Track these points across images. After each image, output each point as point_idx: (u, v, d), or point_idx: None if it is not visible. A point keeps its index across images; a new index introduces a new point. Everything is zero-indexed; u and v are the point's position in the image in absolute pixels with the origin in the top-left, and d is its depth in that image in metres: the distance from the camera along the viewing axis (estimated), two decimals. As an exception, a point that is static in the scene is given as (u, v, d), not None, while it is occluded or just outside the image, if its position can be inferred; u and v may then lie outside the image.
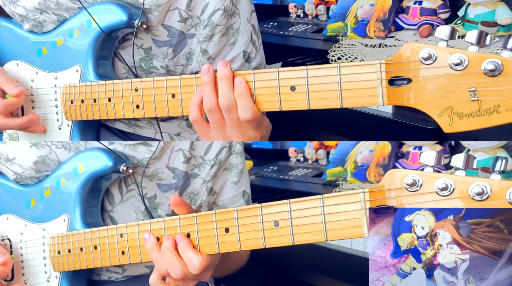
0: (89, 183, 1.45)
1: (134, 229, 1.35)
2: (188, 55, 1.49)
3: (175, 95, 1.34)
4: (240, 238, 1.22)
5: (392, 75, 1.11)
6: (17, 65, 1.55)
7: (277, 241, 1.18)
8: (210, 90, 1.28)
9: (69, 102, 1.48)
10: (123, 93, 1.41)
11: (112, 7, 1.44)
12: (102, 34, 1.45)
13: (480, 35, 1.04)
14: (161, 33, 1.46)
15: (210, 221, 1.26)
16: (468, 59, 1.04)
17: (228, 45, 1.48)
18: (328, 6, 2.06)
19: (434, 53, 1.07)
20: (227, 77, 1.26)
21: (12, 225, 1.55)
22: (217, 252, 1.26)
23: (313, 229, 1.14)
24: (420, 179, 1.04)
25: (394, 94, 1.12)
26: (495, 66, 1.01)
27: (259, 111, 1.26)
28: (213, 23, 1.44)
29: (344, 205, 1.11)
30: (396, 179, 1.07)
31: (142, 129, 1.54)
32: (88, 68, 1.47)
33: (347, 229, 1.11)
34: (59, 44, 1.50)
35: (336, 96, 1.17)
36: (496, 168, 1.00)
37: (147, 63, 1.48)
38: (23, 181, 1.53)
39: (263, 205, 1.20)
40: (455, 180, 1.02)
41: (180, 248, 1.28)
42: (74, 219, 1.47)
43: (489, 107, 1.02)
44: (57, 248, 1.48)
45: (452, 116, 1.06)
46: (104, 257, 1.40)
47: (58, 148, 1.49)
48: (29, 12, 1.50)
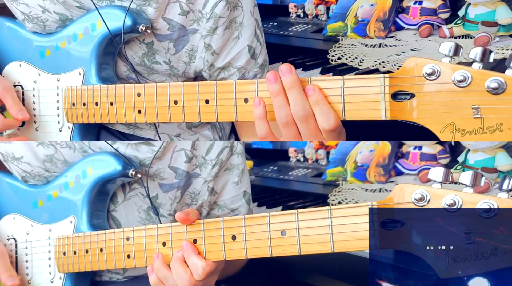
0: (97, 187, 1.46)
1: (141, 233, 1.36)
2: (191, 52, 1.48)
3: (178, 101, 1.34)
4: (246, 246, 1.23)
5: (396, 89, 1.11)
6: (19, 65, 1.55)
7: (283, 250, 1.19)
8: (282, 100, 1.19)
9: (70, 105, 1.48)
10: (126, 98, 1.40)
11: (117, 12, 1.44)
12: (106, 38, 1.45)
13: (483, 53, 1.04)
14: (161, 26, 1.45)
15: (217, 228, 1.26)
16: (471, 76, 1.04)
17: (232, 39, 1.47)
18: (328, 6, 2.06)
19: (438, 68, 1.07)
20: (297, 84, 1.18)
21: (19, 225, 1.56)
22: (223, 259, 1.26)
23: (320, 240, 1.14)
24: (428, 194, 1.04)
25: (397, 109, 1.12)
26: (499, 85, 1.01)
27: (340, 118, 1.18)
28: (216, 15, 1.43)
29: (351, 217, 1.11)
30: (404, 193, 1.06)
31: (142, 131, 1.54)
32: (91, 71, 1.47)
33: (354, 241, 1.11)
34: (62, 47, 1.50)
35: (339, 109, 1.17)
36: (504, 186, 0.99)
37: (150, 58, 1.48)
38: (32, 179, 1.53)
39: (271, 214, 1.20)
40: (462, 196, 1.01)
41: (185, 254, 1.29)
42: (81, 221, 1.47)
43: (491, 125, 1.03)
44: (62, 249, 1.49)
45: (454, 132, 1.06)
46: (109, 260, 1.41)
47: (63, 147, 1.50)
48: (32, 10, 1.49)
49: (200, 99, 1.30)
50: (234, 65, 1.48)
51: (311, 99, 1.17)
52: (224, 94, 1.28)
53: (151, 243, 1.35)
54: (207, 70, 1.48)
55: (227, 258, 1.26)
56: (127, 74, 1.50)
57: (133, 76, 1.49)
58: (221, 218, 1.26)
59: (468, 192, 1.02)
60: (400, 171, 2.00)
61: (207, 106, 1.30)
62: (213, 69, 1.48)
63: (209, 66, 1.47)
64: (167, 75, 1.50)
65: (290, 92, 1.18)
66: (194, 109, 1.32)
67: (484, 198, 0.99)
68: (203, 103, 1.30)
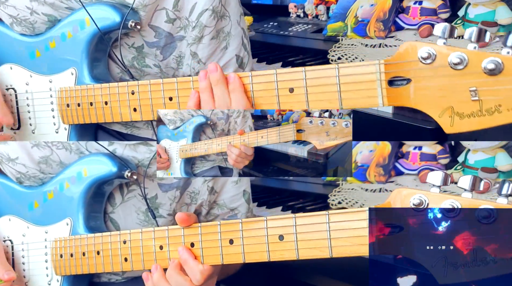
0: (93, 188, 1.46)
1: (138, 236, 1.36)
2: (178, 58, 1.47)
3: (172, 98, 1.33)
4: (244, 251, 1.22)
5: (392, 75, 1.09)
6: (10, 68, 1.54)
7: (281, 255, 1.18)
8: (208, 97, 1.29)
9: (65, 106, 1.47)
10: (120, 96, 1.40)
11: (105, 8, 1.42)
12: (96, 36, 1.43)
13: (479, 32, 1.02)
14: (148, 33, 1.44)
15: (214, 232, 1.26)
16: (468, 58, 1.02)
17: (220, 49, 1.46)
18: (328, 6, 2.06)
19: (433, 52, 1.05)
20: (221, 81, 1.28)
21: (14, 227, 1.56)
22: (220, 263, 1.26)
23: (318, 245, 1.13)
24: (426, 199, 1.03)
25: (394, 95, 1.10)
26: (496, 65, 0.99)
27: (252, 107, 1.25)
28: (201, 24, 1.43)
29: (350, 222, 1.10)
30: (402, 198, 1.05)
31: (140, 130, 1.53)
32: (83, 71, 1.45)
33: (353, 246, 1.10)
34: (52, 47, 1.48)
35: (336, 97, 1.15)
36: (503, 191, 0.98)
37: (139, 61, 1.47)
38: (27, 180, 1.53)
39: (268, 218, 1.20)
40: (461, 202, 1.00)
41: (182, 259, 1.29)
42: (77, 223, 1.47)
43: (490, 107, 1.00)
44: (59, 251, 1.48)
45: (453, 116, 1.03)
46: (106, 262, 1.41)
47: (58, 148, 1.49)
48: (19, 12, 1.49)
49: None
50: None
51: (230, 87, 1.26)
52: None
53: (148, 246, 1.34)
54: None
55: (225, 262, 1.25)
56: (120, 76, 1.49)
57: (126, 77, 1.48)
58: (218, 222, 1.25)
59: (467, 197, 1.01)
60: (400, 171, 2.00)
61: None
62: None
63: (196, 73, 1.47)
64: (158, 77, 1.50)
65: (216, 88, 1.28)
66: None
67: (482, 203, 0.98)
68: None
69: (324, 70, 1.16)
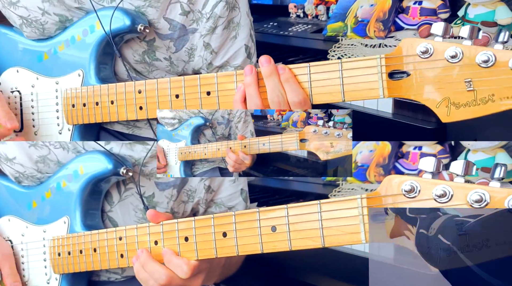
0: (90, 186, 1.46)
1: (133, 232, 1.36)
2: (190, 51, 1.49)
3: (179, 95, 1.35)
4: (237, 243, 1.23)
5: (392, 68, 1.15)
6: (17, 71, 1.55)
7: (274, 246, 1.19)
8: (254, 91, 1.28)
9: (70, 106, 1.48)
10: (126, 95, 1.41)
11: (115, 13, 1.43)
12: (104, 39, 1.44)
13: (472, 30, 1.08)
14: (162, 26, 1.46)
15: (208, 225, 1.26)
16: (462, 52, 1.07)
17: (230, 39, 1.49)
18: (328, 6, 2.07)
19: (431, 47, 1.10)
20: (274, 73, 1.26)
21: (14, 227, 1.56)
22: (214, 256, 1.26)
23: (311, 234, 1.14)
24: (418, 185, 1.05)
25: (394, 87, 1.15)
26: (488, 58, 1.05)
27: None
28: (216, 15, 1.45)
29: (341, 211, 1.12)
30: (393, 185, 1.07)
31: (141, 130, 1.54)
32: (90, 73, 1.47)
33: (345, 235, 1.11)
34: (61, 50, 1.50)
35: (339, 90, 1.20)
36: (496, 175, 1.00)
37: (150, 55, 1.48)
38: (25, 180, 1.54)
39: (260, 209, 1.20)
40: (453, 186, 1.02)
41: (165, 260, 1.31)
42: (74, 221, 1.47)
43: (484, 97, 1.06)
44: (57, 250, 1.48)
45: (449, 106, 1.09)
46: (103, 260, 1.41)
47: (56, 148, 1.50)
48: (31, 13, 1.49)
49: (201, 91, 1.32)
50: (231, 63, 1.50)
51: (282, 77, 1.25)
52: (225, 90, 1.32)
53: (143, 242, 1.35)
54: (205, 68, 1.50)
55: (219, 255, 1.25)
56: (128, 74, 1.50)
57: (134, 75, 1.49)
58: (212, 215, 1.26)
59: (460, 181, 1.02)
60: (400, 171, 2.00)
61: (208, 97, 1.32)
62: (211, 67, 1.50)
63: (208, 64, 1.49)
64: (167, 71, 1.51)
65: (268, 80, 1.27)
66: (195, 102, 1.34)
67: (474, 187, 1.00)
68: (205, 95, 1.32)
69: (327, 65, 1.21)
